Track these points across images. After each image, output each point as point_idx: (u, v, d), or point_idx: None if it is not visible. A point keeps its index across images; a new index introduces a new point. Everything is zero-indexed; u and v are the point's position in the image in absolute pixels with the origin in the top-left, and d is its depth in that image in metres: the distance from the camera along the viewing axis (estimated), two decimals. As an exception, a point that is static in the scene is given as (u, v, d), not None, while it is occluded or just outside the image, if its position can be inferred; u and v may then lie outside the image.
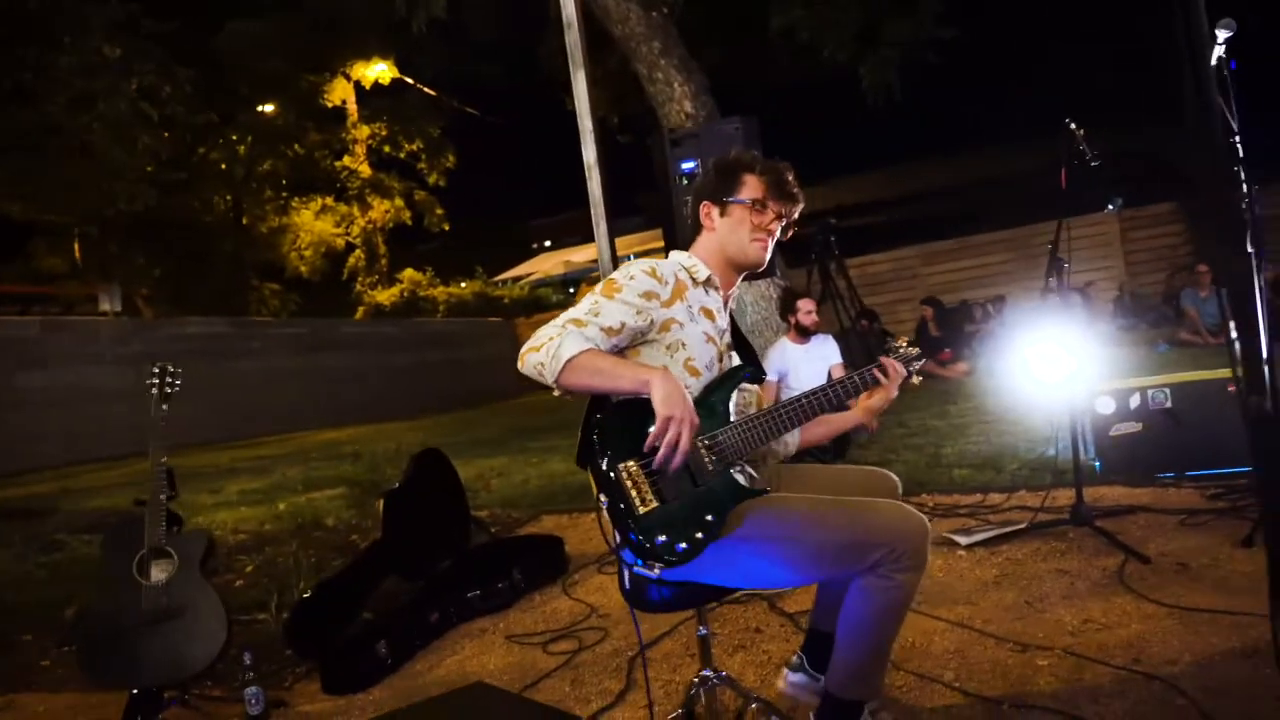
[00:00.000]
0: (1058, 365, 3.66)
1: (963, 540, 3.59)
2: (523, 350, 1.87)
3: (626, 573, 2.00)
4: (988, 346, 10.40)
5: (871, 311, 11.18)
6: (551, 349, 1.82)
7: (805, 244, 8.03)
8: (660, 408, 1.79)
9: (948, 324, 11.73)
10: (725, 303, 2.19)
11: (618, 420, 1.88)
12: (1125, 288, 13.67)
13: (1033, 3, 13.34)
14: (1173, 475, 4.04)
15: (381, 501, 3.80)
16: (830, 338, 6.22)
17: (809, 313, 5.73)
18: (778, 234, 2.18)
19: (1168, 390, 4.10)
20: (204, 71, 16.98)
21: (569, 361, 1.80)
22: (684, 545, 1.83)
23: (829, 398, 2.08)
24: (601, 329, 1.90)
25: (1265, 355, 3.45)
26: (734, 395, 2.08)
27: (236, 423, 13.41)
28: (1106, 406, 4.18)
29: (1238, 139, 3.32)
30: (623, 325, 1.94)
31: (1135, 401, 4.15)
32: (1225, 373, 4.07)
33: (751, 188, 2.14)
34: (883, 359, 2.20)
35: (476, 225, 28.61)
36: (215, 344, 14.14)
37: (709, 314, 2.11)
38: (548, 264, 26.76)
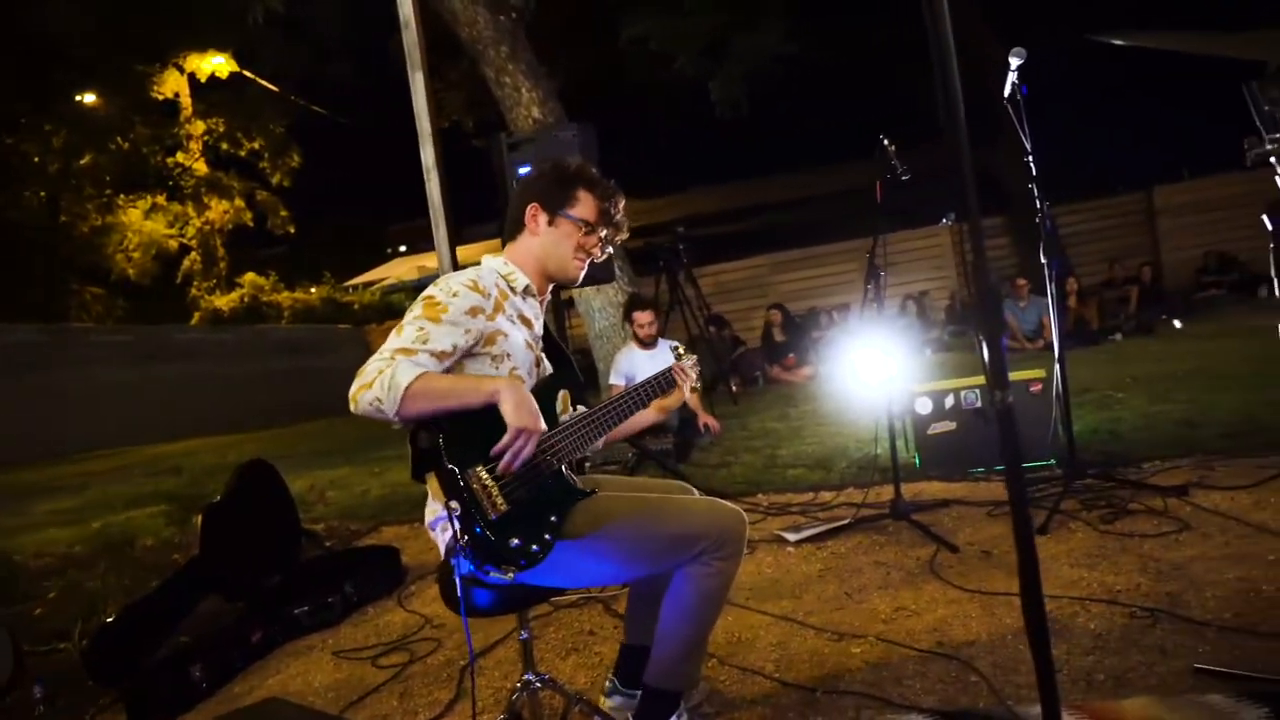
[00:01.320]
0: (878, 369, 3.87)
1: (792, 537, 3.73)
2: (353, 390, 1.79)
3: (459, 580, 1.97)
4: (830, 352, 10.87)
5: (719, 318, 11.48)
6: (385, 382, 1.76)
7: (654, 252, 8.20)
8: (512, 419, 1.81)
9: (794, 330, 12.18)
10: (540, 308, 2.20)
11: (463, 426, 1.85)
12: (957, 296, 14.60)
13: (879, 24, 14.09)
14: (984, 470, 4.34)
15: (200, 517, 3.59)
16: (676, 344, 6.35)
17: (642, 325, 5.86)
18: (598, 258, 2.20)
19: (978, 391, 4.40)
20: (14, 56, 15.56)
21: (407, 390, 1.75)
22: (537, 547, 1.85)
23: (639, 399, 2.18)
24: (432, 355, 1.86)
25: (1062, 355, 3.71)
26: (558, 398, 2.12)
27: (54, 439, 12.32)
28: (925, 407, 4.45)
29: (1030, 159, 3.65)
30: (454, 348, 1.91)
31: (950, 402, 4.43)
32: (1029, 374, 4.42)
33: (586, 206, 2.12)
34: (673, 366, 2.29)
35: (326, 229, 27.53)
36: (27, 354, 12.96)
37: (527, 322, 2.13)
38: (401, 269, 25.99)
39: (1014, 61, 3.37)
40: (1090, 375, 6.83)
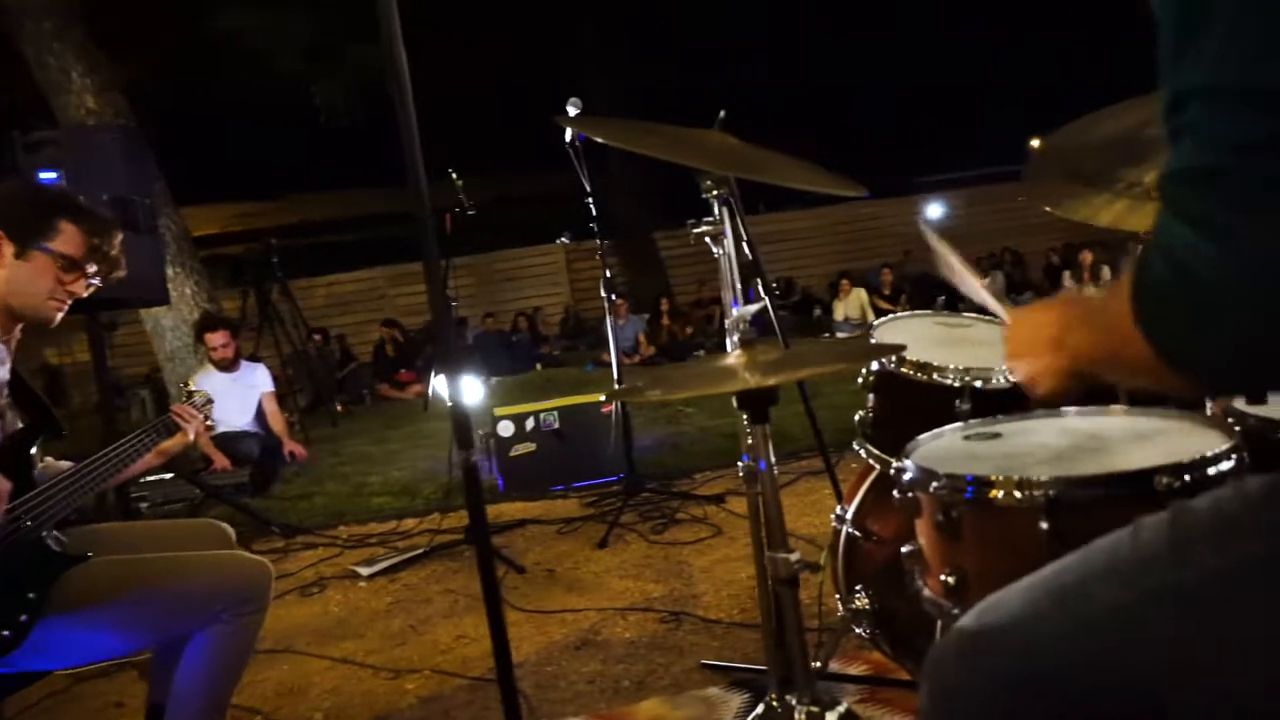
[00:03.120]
0: (458, 391, 3.91)
1: (364, 571, 3.64)
2: None
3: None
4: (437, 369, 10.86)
5: (324, 331, 10.97)
6: None
7: (242, 264, 7.55)
8: None
9: (410, 346, 11.96)
10: (8, 351, 1.90)
11: None
12: (571, 311, 15.43)
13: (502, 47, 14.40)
14: (562, 488, 4.58)
15: None
16: (261, 366, 5.93)
17: (216, 347, 5.40)
18: (81, 296, 1.95)
19: (556, 413, 4.65)
20: None
21: None
22: (9, 632, 1.62)
23: (136, 447, 2.00)
24: None
25: (620, 378, 4.09)
26: (34, 454, 1.85)
27: None
28: (507, 429, 4.59)
29: (590, 200, 3.95)
30: None
31: (530, 424, 4.63)
32: (599, 396, 4.76)
33: (70, 240, 1.87)
34: (174, 409, 2.15)
35: None
36: None
37: None
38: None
39: (571, 111, 3.60)
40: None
